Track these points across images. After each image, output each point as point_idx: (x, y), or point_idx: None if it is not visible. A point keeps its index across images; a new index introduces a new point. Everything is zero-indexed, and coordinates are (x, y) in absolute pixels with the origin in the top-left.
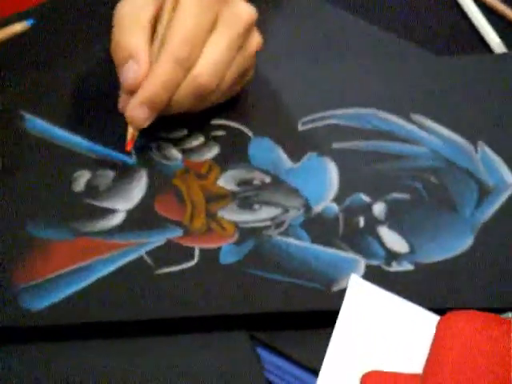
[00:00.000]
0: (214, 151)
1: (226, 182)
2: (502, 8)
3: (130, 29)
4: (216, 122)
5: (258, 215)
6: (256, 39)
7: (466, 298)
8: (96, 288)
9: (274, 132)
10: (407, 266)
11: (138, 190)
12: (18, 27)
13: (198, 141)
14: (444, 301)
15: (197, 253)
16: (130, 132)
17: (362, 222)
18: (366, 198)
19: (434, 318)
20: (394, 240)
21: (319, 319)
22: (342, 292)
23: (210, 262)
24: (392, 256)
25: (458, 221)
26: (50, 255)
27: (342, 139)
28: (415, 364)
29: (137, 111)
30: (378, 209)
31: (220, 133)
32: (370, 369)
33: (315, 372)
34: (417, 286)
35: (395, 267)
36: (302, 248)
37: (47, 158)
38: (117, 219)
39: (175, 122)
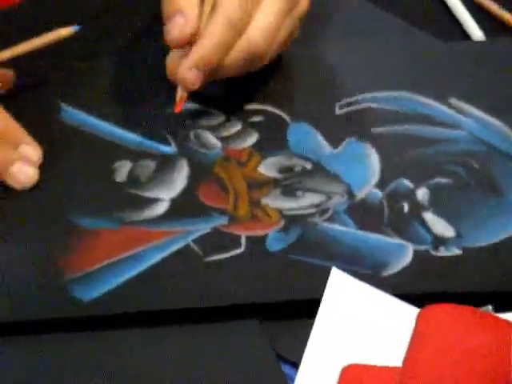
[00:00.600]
0: (252, 138)
1: (267, 169)
2: (486, 1)
3: None
4: (253, 106)
5: (302, 202)
6: (304, 2)
7: None
8: (145, 277)
9: (311, 116)
10: (455, 251)
11: (179, 179)
12: (64, 32)
13: (235, 128)
14: (493, 284)
15: (243, 240)
16: (180, 94)
17: (406, 207)
18: (408, 184)
19: (415, 311)
20: (439, 225)
21: None
22: (393, 277)
23: (258, 249)
24: (439, 241)
25: (503, 205)
26: (98, 245)
27: (380, 124)
28: (396, 357)
29: (189, 72)
30: (422, 194)
31: (258, 118)
32: (351, 362)
33: (295, 365)
34: (465, 270)
35: (443, 252)
36: (348, 234)
37: (86, 148)
38: (161, 208)
39: (212, 108)
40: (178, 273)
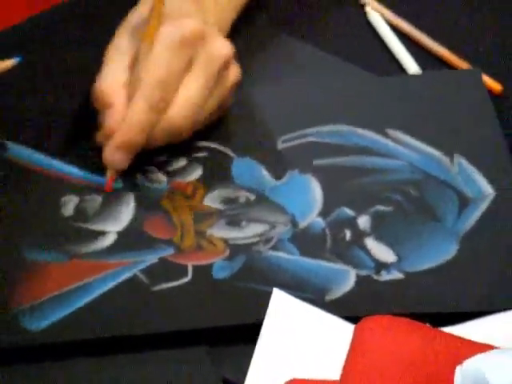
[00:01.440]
0: (197, 172)
1: (212, 201)
2: (419, 35)
3: (109, 75)
4: (197, 144)
5: (246, 232)
6: (234, 72)
7: (455, 302)
8: (93, 306)
9: (255, 151)
10: (396, 275)
11: (126, 212)
12: (4, 64)
13: (180, 163)
14: (434, 306)
15: (190, 269)
16: (109, 174)
17: (348, 234)
18: (350, 212)
19: (353, 327)
20: (381, 250)
21: None
22: (335, 301)
23: (204, 277)
24: (381, 265)
25: (441, 230)
26: (47, 277)
27: (321, 156)
28: (337, 371)
29: (114, 155)
30: (363, 221)
31: (202, 154)
32: (293, 377)
33: None
34: (407, 293)
35: (385, 276)
36: (292, 261)
37: (35, 184)
38: (108, 240)
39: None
40: (124, 302)
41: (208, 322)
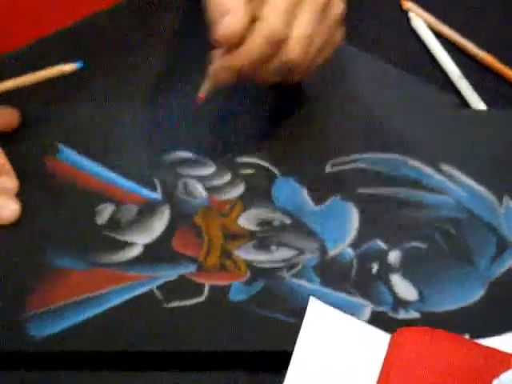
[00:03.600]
0: (239, 189)
1: (247, 220)
2: (463, 42)
3: None
4: (244, 159)
5: (274, 256)
6: (337, 5)
7: None
8: (103, 318)
9: (300, 172)
10: (414, 314)
11: (159, 225)
12: (67, 68)
13: (224, 179)
14: None
15: (206, 289)
16: (206, 85)
17: (375, 268)
18: (382, 245)
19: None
20: (404, 287)
21: None
22: None
23: (219, 298)
24: (400, 303)
25: (471, 273)
26: (65, 284)
27: (367, 184)
28: (373, 382)
29: (221, 72)
30: (394, 256)
31: (247, 171)
32: None
33: None
34: None
35: (402, 314)
36: (311, 290)
37: (74, 189)
38: (133, 252)
39: (204, 158)
40: (135, 316)
41: (212, 345)
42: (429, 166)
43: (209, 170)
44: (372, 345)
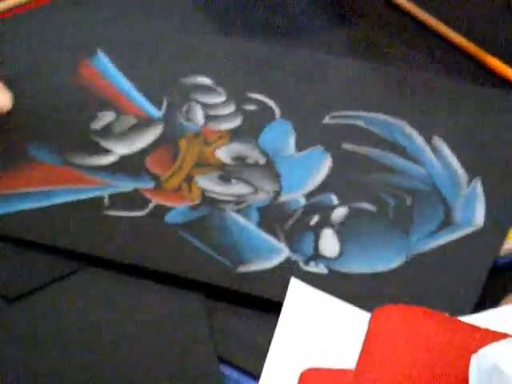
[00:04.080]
0: (235, 123)
1: (225, 153)
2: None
3: None
4: (253, 95)
5: (229, 189)
6: None
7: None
8: (43, 213)
9: (299, 119)
10: (322, 270)
11: (143, 139)
12: None
13: (226, 110)
14: None
15: (151, 205)
16: None
17: (315, 220)
18: (334, 200)
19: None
20: (328, 243)
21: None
22: (244, 274)
23: (157, 217)
24: (316, 257)
25: (400, 243)
26: (29, 173)
27: (353, 141)
28: (354, 360)
29: None
30: (339, 213)
31: (251, 107)
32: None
33: (253, 376)
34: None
35: (310, 267)
36: (241, 228)
37: (88, 92)
38: (108, 160)
39: (219, 86)
40: (74, 216)
41: (142, 260)
42: (422, 136)
43: (218, 99)
44: (353, 323)
